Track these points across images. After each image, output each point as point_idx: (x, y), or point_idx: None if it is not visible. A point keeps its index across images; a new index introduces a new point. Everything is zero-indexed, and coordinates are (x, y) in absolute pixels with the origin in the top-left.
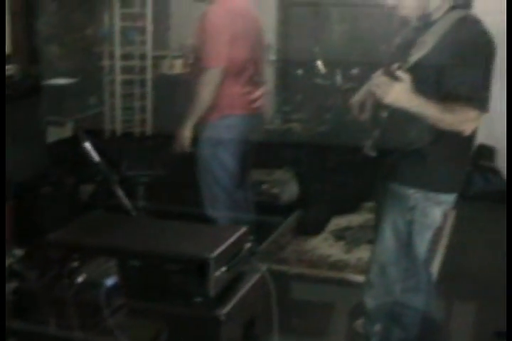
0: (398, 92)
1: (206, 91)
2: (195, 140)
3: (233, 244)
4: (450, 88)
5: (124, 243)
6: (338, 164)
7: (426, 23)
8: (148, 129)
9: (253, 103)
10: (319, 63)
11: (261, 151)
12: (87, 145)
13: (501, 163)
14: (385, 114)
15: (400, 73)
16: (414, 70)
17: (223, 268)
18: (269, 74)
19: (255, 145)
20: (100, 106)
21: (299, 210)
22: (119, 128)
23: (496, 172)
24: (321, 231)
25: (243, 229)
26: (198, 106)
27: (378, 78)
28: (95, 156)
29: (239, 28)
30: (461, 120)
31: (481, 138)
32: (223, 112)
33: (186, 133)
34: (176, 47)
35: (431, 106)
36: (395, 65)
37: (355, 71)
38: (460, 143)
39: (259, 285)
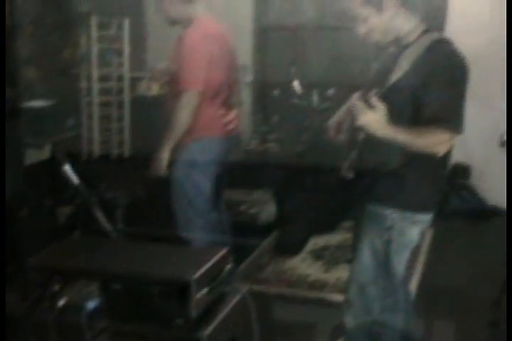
0: (372, 120)
1: (184, 114)
2: (171, 162)
3: (214, 265)
4: (424, 111)
5: (105, 266)
6: (316, 184)
7: (400, 47)
8: (126, 151)
9: (228, 125)
10: (296, 84)
11: (239, 172)
12: (67, 168)
13: (477, 181)
14: (361, 136)
15: (375, 101)
16: (390, 94)
17: (204, 290)
18: (246, 95)
19: (232, 166)
20: (78, 128)
21: (277, 230)
22: (96, 149)
23: (471, 190)
24: (299, 251)
25: (223, 251)
26: (175, 129)
27: (355, 103)
28: (74, 179)
29: (215, 51)
30: (434, 143)
31: (456, 157)
32: (198, 134)
33: (164, 156)
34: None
35: (403, 133)
36: (372, 92)
37: (331, 91)
38: (434, 163)
39: (240, 306)
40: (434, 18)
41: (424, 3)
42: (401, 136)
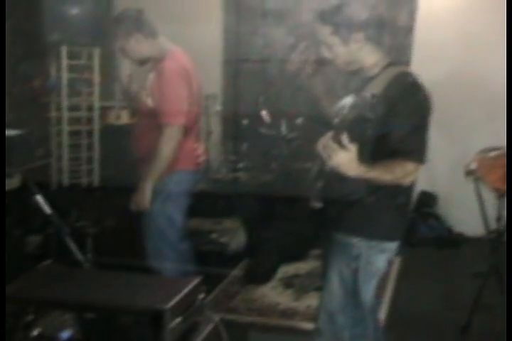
0: (343, 161)
1: (168, 148)
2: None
3: (187, 294)
4: (388, 144)
5: (78, 295)
6: (285, 212)
7: (364, 79)
8: (96, 180)
9: (200, 157)
10: (264, 113)
11: (209, 201)
12: (39, 197)
13: (443, 209)
14: (328, 168)
15: (346, 142)
16: (354, 127)
17: (178, 319)
18: (215, 124)
19: (202, 195)
20: (48, 157)
21: (247, 259)
22: (66, 178)
23: (438, 218)
24: (269, 279)
25: (197, 280)
26: (159, 163)
27: (327, 142)
28: (46, 208)
29: (191, 84)
30: (401, 175)
31: (423, 186)
32: (175, 168)
33: (147, 189)
34: (121, 97)
35: (372, 170)
36: (344, 133)
37: (299, 121)
38: (399, 192)
39: (213, 335)
40: (400, 51)
41: (389, 38)
42: (370, 174)
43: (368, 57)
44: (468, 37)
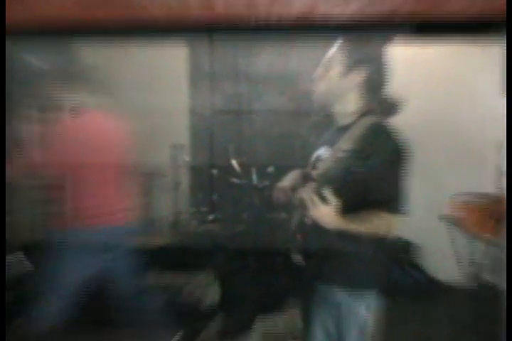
0: (324, 214)
1: None
2: None
3: None
4: (364, 195)
5: None
6: (259, 264)
7: (337, 129)
8: None
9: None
10: (234, 162)
11: (180, 254)
12: None
13: (420, 256)
14: (309, 221)
15: (328, 195)
16: (329, 178)
17: None
18: (184, 174)
19: (173, 249)
20: None
21: (222, 313)
22: None
23: (415, 265)
24: (246, 332)
25: (179, 334)
26: None
27: (308, 195)
28: None
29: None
30: (379, 226)
31: (399, 233)
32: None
33: None
34: None
35: (351, 222)
36: (326, 187)
37: (270, 169)
38: (377, 241)
39: None
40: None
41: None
42: (349, 227)
43: (352, 102)
44: (438, 83)
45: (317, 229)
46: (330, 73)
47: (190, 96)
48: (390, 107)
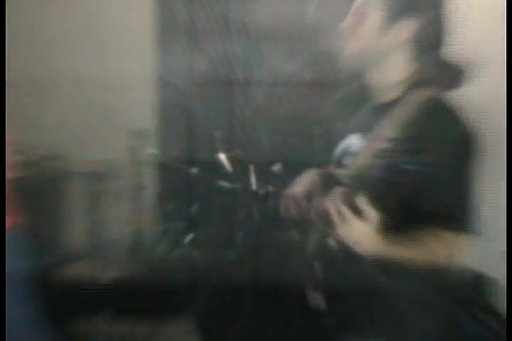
0: (357, 234)
1: None
2: None
3: None
4: (418, 207)
5: None
6: (259, 307)
7: (380, 107)
8: None
9: None
10: (223, 157)
11: (144, 293)
12: None
13: (500, 298)
14: (332, 244)
15: (364, 205)
16: (365, 180)
17: None
18: (149, 175)
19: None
20: None
21: None
22: None
23: (493, 311)
24: None
25: None
26: None
27: (333, 205)
28: None
29: None
30: (438, 252)
31: (469, 263)
32: None
33: None
34: None
35: (397, 247)
36: (361, 193)
37: (276, 168)
38: (436, 274)
39: None
40: None
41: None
42: (395, 250)
43: (396, 69)
44: None
45: (345, 255)
46: (364, 26)
47: (158, 60)
48: (453, 75)
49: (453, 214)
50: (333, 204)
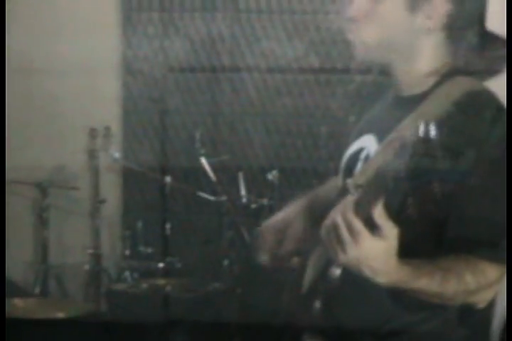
0: (373, 254)
1: None
2: None
3: None
4: (450, 226)
5: None
6: None
7: (404, 101)
8: None
9: None
10: (205, 163)
11: (107, 334)
12: None
13: None
14: (337, 272)
15: (382, 220)
16: (383, 190)
17: None
18: (111, 186)
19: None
20: None
21: None
22: None
23: None
24: None
25: None
26: None
27: (344, 219)
28: None
29: None
30: (472, 284)
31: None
32: None
33: None
34: None
35: (422, 278)
36: (376, 203)
37: (271, 176)
38: (468, 311)
39: None
40: None
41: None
42: (419, 281)
43: (426, 57)
44: None
45: (354, 285)
46: (384, 6)
47: (123, 42)
48: (497, 63)
49: (497, 237)
50: (343, 217)
